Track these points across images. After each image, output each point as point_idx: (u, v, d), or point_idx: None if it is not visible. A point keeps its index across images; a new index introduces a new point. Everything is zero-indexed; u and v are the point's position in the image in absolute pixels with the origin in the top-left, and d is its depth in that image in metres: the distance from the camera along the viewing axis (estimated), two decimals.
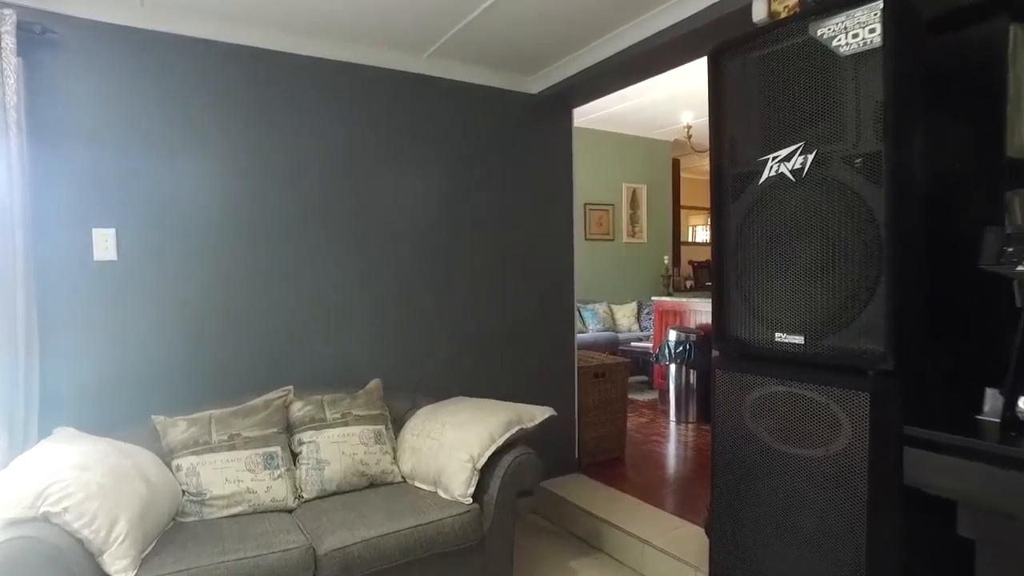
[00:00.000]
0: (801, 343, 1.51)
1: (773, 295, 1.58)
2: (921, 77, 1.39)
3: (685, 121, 5.75)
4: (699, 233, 8.79)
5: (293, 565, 1.74)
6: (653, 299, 5.56)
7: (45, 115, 2.09)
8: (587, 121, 5.75)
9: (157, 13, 2.25)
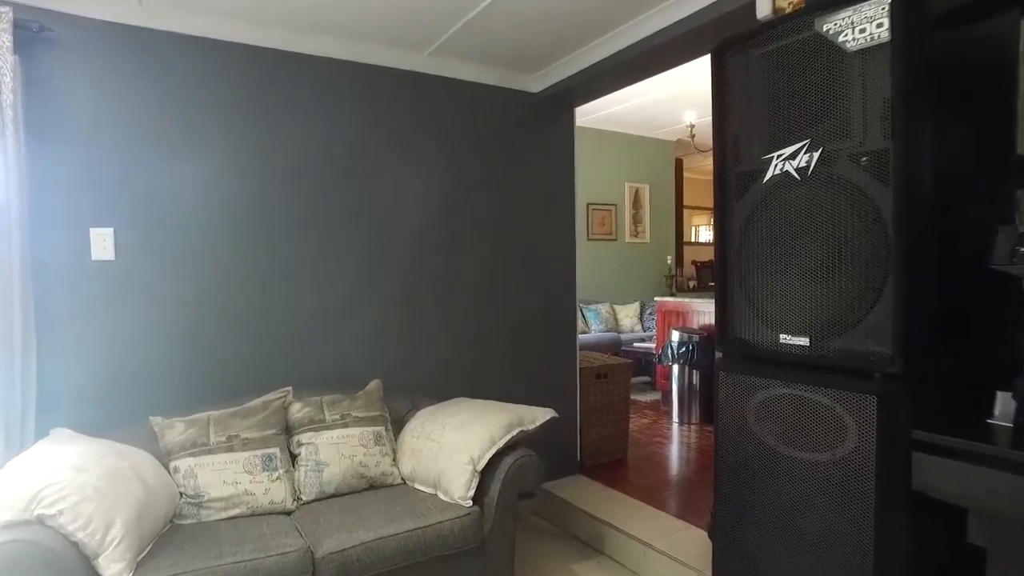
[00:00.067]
0: (806, 345, 1.49)
1: (777, 296, 1.55)
2: (929, 73, 1.36)
3: (688, 120, 5.72)
4: (702, 233, 8.77)
5: (291, 568, 1.73)
6: (656, 299, 5.54)
7: (42, 113, 2.08)
8: (589, 121, 5.74)
9: (155, 11, 2.24)
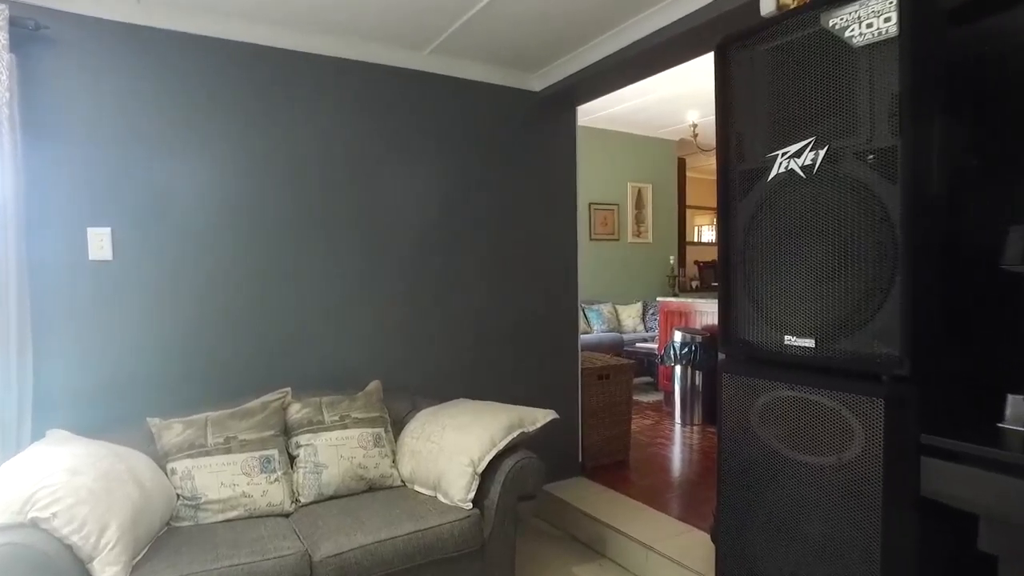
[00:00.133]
0: (812, 346, 1.46)
1: (782, 296, 1.53)
2: (937, 69, 1.33)
3: (691, 119, 5.69)
4: (705, 233, 8.74)
5: (288, 572, 1.71)
6: (658, 300, 5.52)
7: (39, 112, 2.06)
8: (592, 120, 5.71)
9: (154, 9, 2.22)
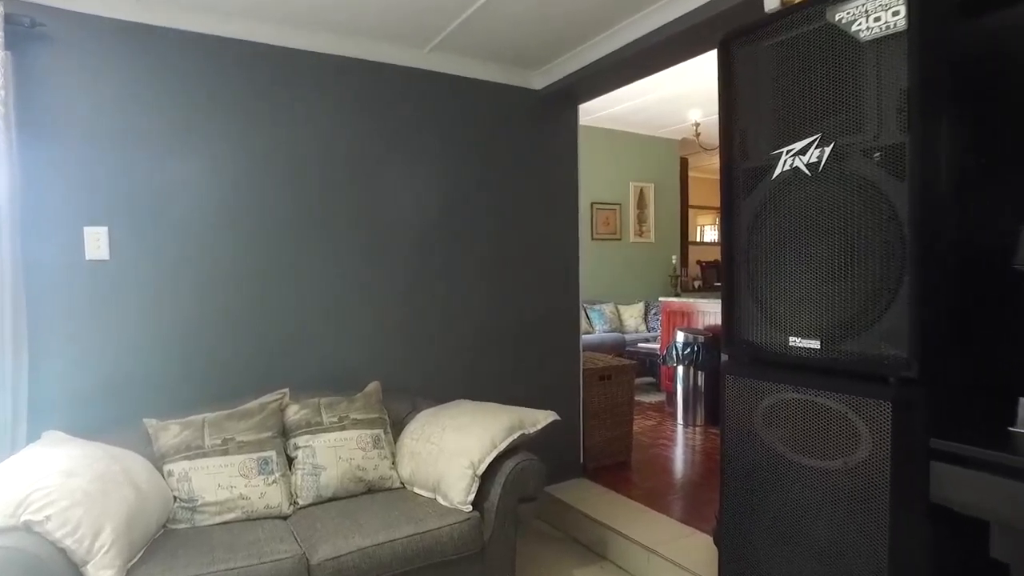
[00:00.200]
0: (817, 348, 1.43)
1: (787, 297, 1.50)
2: (946, 64, 1.30)
3: (693, 119, 5.66)
4: (707, 233, 8.71)
5: (285, 575, 1.68)
6: (660, 300, 5.49)
7: (36, 110, 2.04)
8: (594, 119, 5.68)
9: (152, 7, 2.20)
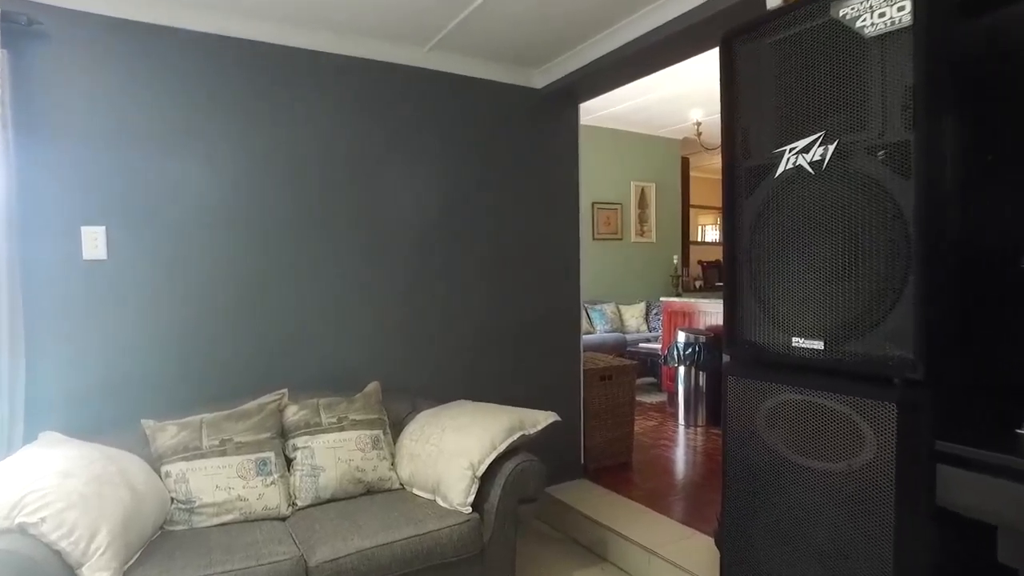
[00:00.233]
0: (820, 349, 1.41)
1: (790, 297, 1.48)
2: (952, 60, 1.28)
3: (694, 118, 5.64)
4: (708, 232, 8.69)
5: None
6: (662, 299, 5.48)
7: (32, 109, 2.03)
8: (595, 119, 5.67)
9: (152, 5, 2.18)
